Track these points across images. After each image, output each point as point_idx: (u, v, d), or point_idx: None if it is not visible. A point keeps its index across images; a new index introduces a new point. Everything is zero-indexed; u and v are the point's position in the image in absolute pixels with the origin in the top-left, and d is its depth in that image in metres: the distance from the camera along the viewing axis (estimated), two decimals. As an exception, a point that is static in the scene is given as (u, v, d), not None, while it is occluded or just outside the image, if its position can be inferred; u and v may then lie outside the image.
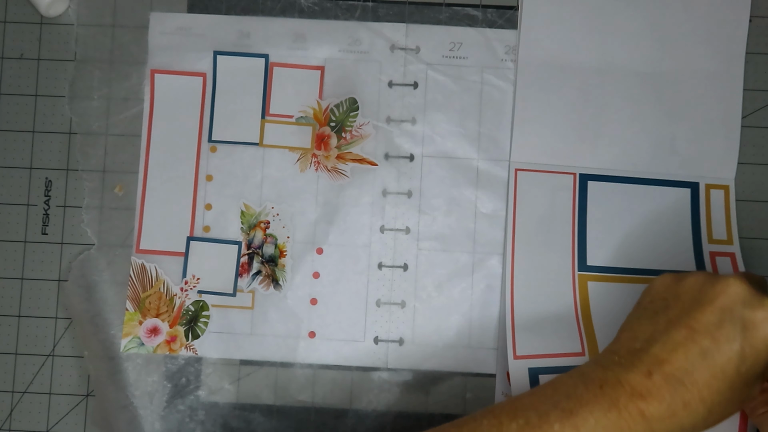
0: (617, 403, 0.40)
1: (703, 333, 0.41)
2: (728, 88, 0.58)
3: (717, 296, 0.42)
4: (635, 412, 0.40)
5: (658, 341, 0.42)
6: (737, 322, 0.41)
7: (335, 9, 0.59)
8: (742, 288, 0.42)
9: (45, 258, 0.58)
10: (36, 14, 0.59)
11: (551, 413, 0.41)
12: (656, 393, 0.40)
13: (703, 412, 0.40)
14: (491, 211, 0.58)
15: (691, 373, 0.40)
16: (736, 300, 0.42)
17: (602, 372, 0.42)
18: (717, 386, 0.40)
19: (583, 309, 0.56)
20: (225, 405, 0.56)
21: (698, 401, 0.40)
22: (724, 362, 0.40)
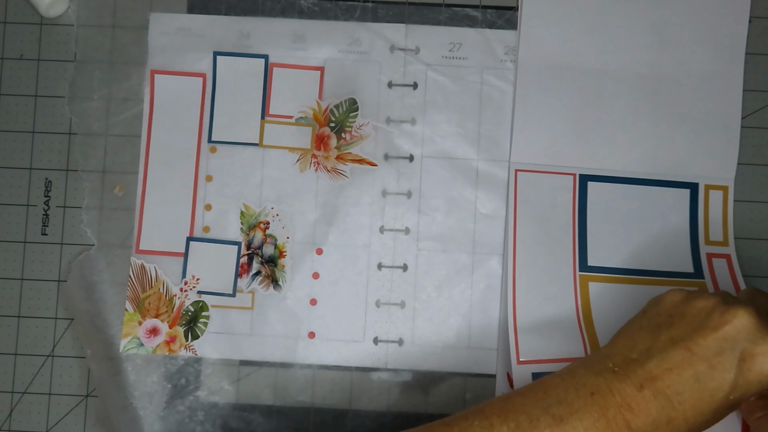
0: (606, 414, 0.41)
1: (701, 358, 0.42)
2: (728, 89, 0.58)
3: (723, 325, 0.43)
4: (622, 422, 0.41)
5: (655, 357, 0.43)
6: (737, 354, 0.42)
7: (335, 9, 0.59)
8: (750, 322, 0.42)
9: (45, 258, 0.58)
10: (36, 15, 0.59)
11: (542, 418, 0.41)
12: (644, 407, 0.41)
13: (684, 428, 0.42)
14: (491, 211, 0.58)
15: (681, 394, 0.41)
16: (741, 332, 0.42)
17: (594, 378, 0.43)
18: (702, 408, 0.42)
19: (585, 310, 0.56)
20: (225, 405, 0.56)
21: (682, 420, 0.41)
22: (714, 389, 0.41)
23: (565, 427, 0.41)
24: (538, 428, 0.41)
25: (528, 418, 0.42)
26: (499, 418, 0.42)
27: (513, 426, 0.41)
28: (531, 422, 0.41)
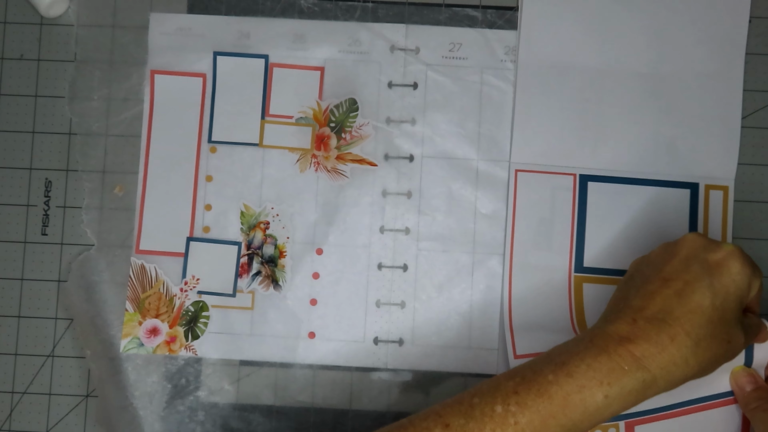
0: (607, 349, 0.43)
1: (674, 279, 0.45)
2: (728, 89, 0.58)
3: (680, 249, 0.47)
4: (625, 353, 0.43)
5: (636, 295, 0.46)
6: (703, 264, 0.45)
7: (335, 10, 0.59)
8: (700, 238, 0.47)
9: (45, 258, 0.58)
10: (36, 15, 0.59)
11: (545, 368, 0.43)
12: (642, 334, 0.43)
13: (690, 344, 0.43)
14: (491, 211, 0.58)
15: (670, 312, 0.44)
16: (697, 248, 0.46)
17: (590, 330, 0.45)
18: (697, 320, 0.44)
19: (578, 311, 0.56)
20: (225, 405, 0.56)
21: (683, 334, 0.43)
22: (698, 298, 0.44)
23: (568, 368, 0.42)
24: (542, 375, 0.43)
25: (532, 370, 0.43)
26: (505, 377, 0.44)
27: (518, 380, 0.43)
28: (534, 372, 0.43)
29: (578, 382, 0.42)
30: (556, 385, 0.42)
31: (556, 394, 0.42)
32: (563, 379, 0.42)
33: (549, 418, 0.42)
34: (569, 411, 0.42)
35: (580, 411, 0.42)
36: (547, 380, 0.42)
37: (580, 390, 0.42)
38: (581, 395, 0.42)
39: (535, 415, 0.42)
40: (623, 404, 0.43)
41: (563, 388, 0.42)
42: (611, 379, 0.42)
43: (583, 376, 0.42)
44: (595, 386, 0.42)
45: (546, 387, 0.42)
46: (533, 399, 0.42)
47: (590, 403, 0.42)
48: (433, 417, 0.43)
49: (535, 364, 0.44)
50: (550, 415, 0.42)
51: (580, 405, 0.42)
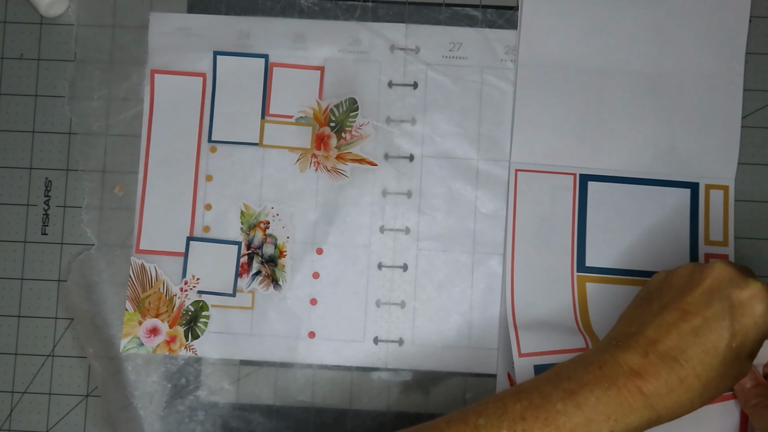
0: (616, 382, 0.42)
1: (693, 313, 0.43)
2: (728, 89, 0.58)
3: (705, 279, 0.44)
4: (634, 389, 0.42)
5: (652, 324, 0.44)
6: (725, 301, 0.43)
7: (335, 9, 0.59)
8: (728, 270, 0.44)
9: (45, 258, 0.58)
10: (36, 14, 0.59)
11: (554, 394, 0.42)
12: (653, 371, 0.42)
13: (699, 387, 0.42)
14: (491, 211, 0.58)
15: (684, 351, 0.42)
16: (723, 281, 0.44)
17: (601, 355, 0.44)
18: (710, 362, 0.42)
19: (582, 311, 0.56)
20: (225, 405, 0.56)
21: (693, 377, 0.42)
22: (715, 339, 0.43)
23: (577, 399, 0.42)
24: (550, 402, 0.42)
25: (540, 395, 0.43)
26: (512, 399, 0.43)
27: (526, 404, 0.42)
28: (543, 398, 0.42)
29: (586, 416, 0.41)
30: (564, 416, 0.42)
31: (563, 425, 0.41)
32: (572, 410, 0.42)
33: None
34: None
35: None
36: (556, 409, 0.42)
37: (587, 423, 0.41)
38: (588, 428, 0.41)
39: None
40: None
41: (571, 420, 0.41)
42: (618, 415, 0.42)
43: (593, 410, 0.42)
44: (602, 421, 0.41)
45: (554, 416, 0.42)
46: (540, 428, 0.41)
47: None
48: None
49: (542, 385, 0.43)
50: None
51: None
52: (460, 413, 0.44)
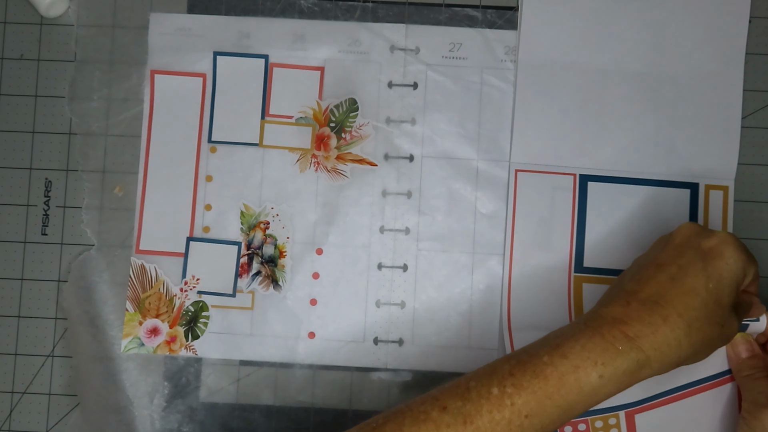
0: (600, 330, 0.44)
1: (668, 263, 0.46)
2: (728, 89, 0.58)
3: (675, 237, 0.48)
4: (619, 334, 0.43)
5: (630, 279, 0.47)
6: (696, 249, 0.46)
7: (335, 10, 0.59)
8: (694, 225, 0.48)
9: (45, 258, 0.58)
10: (36, 15, 0.59)
11: (540, 350, 0.44)
12: (635, 316, 0.44)
13: (683, 325, 0.44)
14: (491, 211, 0.58)
15: (663, 295, 0.45)
16: (690, 235, 0.48)
17: (585, 314, 0.46)
18: (690, 302, 0.44)
19: (577, 312, 0.56)
20: (224, 405, 0.56)
21: (676, 315, 0.44)
22: (691, 281, 0.45)
23: (563, 350, 0.43)
24: (537, 356, 0.43)
25: (527, 354, 0.44)
26: (501, 361, 0.44)
27: (514, 362, 0.43)
28: (530, 355, 0.44)
29: (573, 363, 0.42)
30: (551, 366, 0.43)
31: (551, 374, 0.42)
32: (558, 360, 0.43)
33: (545, 399, 0.42)
34: (565, 391, 0.42)
35: (575, 391, 0.42)
36: (543, 361, 0.43)
37: (574, 370, 0.42)
38: (576, 375, 0.42)
39: (531, 396, 0.42)
40: (618, 385, 0.43)
41: (558, 369, 0.42)
42: (605, 359, 0.42)
43: (578, 356, 0.43)
44: (590, 366, 0.42)
45: (541, 368, 0.43)
46: (529, 380, 0.42)
47: (585, 383, 0.42)
48: (430, 401, 0.43)
49: (530, 347, 0.45)
50: (546, 395, 0.42)
51: (575, 385, 0.42)
52: (453, 381, 0.44)
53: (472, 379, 0.44)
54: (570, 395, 0.42)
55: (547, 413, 0.42)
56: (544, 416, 0.42)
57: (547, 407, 0.42)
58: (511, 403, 0.42)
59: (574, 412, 0.43)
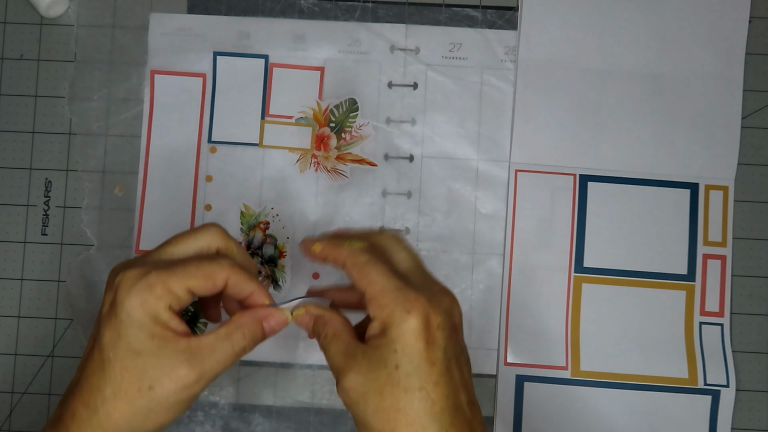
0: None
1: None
2: (728, 89, 0.58)
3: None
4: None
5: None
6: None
7: (335, 10, 0.59)
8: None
9: (45, 258, 0.58)
10: (36, 15, 0.59)
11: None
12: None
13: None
14: (491, 211, 0.58)
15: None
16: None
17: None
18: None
19: (574, 313, 0.56)
20: (224, 405, 0.56)
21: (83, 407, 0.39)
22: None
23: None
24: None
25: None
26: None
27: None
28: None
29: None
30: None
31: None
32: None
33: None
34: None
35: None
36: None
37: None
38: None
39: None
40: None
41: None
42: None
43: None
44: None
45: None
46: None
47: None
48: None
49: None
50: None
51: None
52: None
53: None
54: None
55: None
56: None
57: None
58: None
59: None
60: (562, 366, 0.56)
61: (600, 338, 0.56)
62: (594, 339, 0.56)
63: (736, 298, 0.57)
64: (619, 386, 0.56)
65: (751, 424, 0.56)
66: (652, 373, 0.56)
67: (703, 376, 0.56)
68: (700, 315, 0.57)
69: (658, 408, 0.56)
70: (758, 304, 0.57)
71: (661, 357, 0.56)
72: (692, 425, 0.55)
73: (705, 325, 0.57)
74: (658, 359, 0.56)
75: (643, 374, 0.56)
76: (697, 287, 0.57)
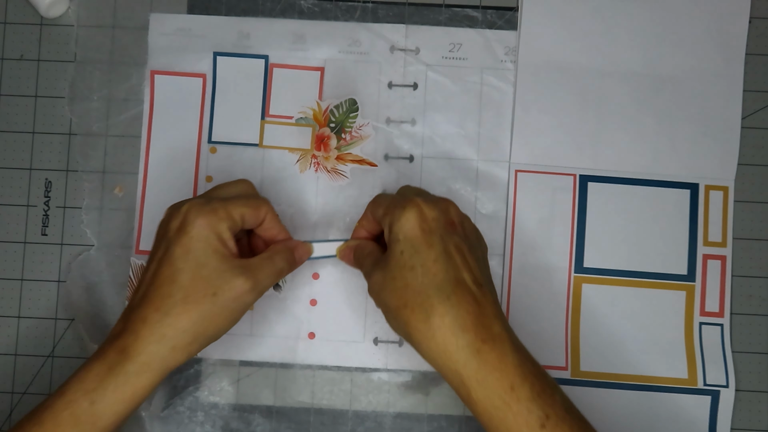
0: (101, 354, 0.44)
1: (154, 259, 0.47)
2: (728, 89, 0.58)
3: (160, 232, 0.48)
4: (112, 352, 0.44)
5: (133, 298, 0.47)
6: (165, 238, 0.46)
7: (335, 10, 0.59)
8: (168, 209, 0.48)
9: (45, 259, 0.58)
10: (36, 15, 0.59)
11: (47, 400, 0.44)
12: (129, 327, 0.44)
13: (161, 317, 0.44)
14: (491, 212, 0.58)
15: (145, 296, 0.45)
16: (162, 225, 0.48)
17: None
18: (168, 291, 0.44)
19: (574, 313, 0.56)
20: (224, 406, 0.56)
21: (153, 311, 0.44)
22: (165, 270, 0.45)
23: (63, 388, 0.44)
24: (41, 404, 0.44)
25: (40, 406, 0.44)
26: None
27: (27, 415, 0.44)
28: (37, 406, 0.45)
29: (67, 399, 0.43)
30: (48, 410, 0.43)
31: (47, 418, 0.43)
32: (55, 400, 0.43)
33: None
34: (62, 429, 0.42)
35: (71, 423, 0.43)
36: (44, 407, 0.43)
37: (68, 405, 0.43)
38: (70, 410, 0.43)
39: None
40: (118, 403, 0.43)
41: (54, 410, 0.43)
42: (96, 383, 0.43)
43: (72, 390, 0.43)
44: (81, 396, 0.43)
45: (40, 414, 0.43)
46: (29, 429, 0.43)
47: (80, 413, 0.43)
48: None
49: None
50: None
51: (70, 419, 0.43)
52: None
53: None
54: (68, 429, 0.43)
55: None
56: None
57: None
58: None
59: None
60: (562, 366, 0.56)
61: (600, 338, 0.56)
62: (594, 339, 0.56)
63: (736, 298, 0.57)
64: (619, 386, 0.56)
65: (751, 424, 0.56)
66: (652, 373, 0.56)
67: (702, 376, 0.56)
68: (700, 315, 0.57)
69: (658, 408, 0.56)
70: (758, 304, 0.57)
71: (660, 357, 0.56)
72: (692, 425, 0.55)
73: (705, 325, 0.57)
74: (658, 359, 0.56)
75: (643, 374, 0.56)
76: (697, 287, 0.57)
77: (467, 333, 0.42)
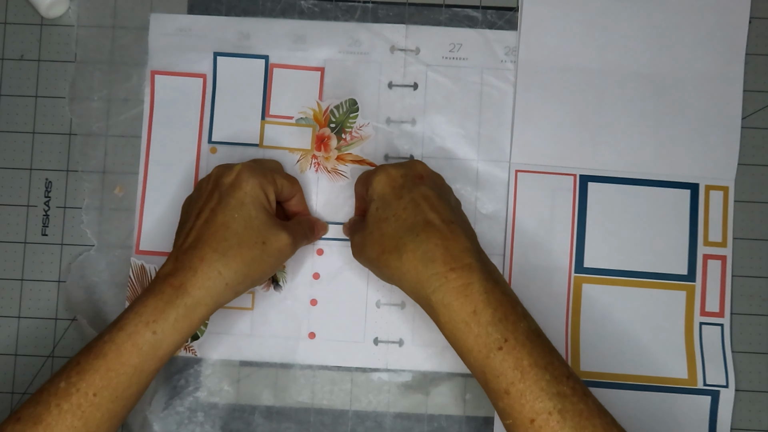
0: (153, 290, 0.47)
1: (202, 210, 0.50)
2: (728, 90, 0.58)
3: (204, 185, 0.52)
4: (167, 287, 0.47)
5: (179, 237, 0.51)
6: (219, 189, 0.50)
7: (335, 10, 0.59)
8: (219, 168, 0.52)
9: (45, 259, 0.58)
10: (36, 15, 0.59)
11: (105, 331, 0.47)
12: (181, 265, 0.48)
13: (218, 257, 0.48)
14: (491, 212, 0.58)
15: (200, 238, 0.49)
16: (214, 177, 0.52)
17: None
18: (221, 235, 0.49)
19: (574, 313, 0.56)
20: (224, 406, 0.56)
21: (211, 251, 0.48)
22: (220, 218, 0.49)
23: (121, 323, 0.46)
24: (100, 338, 0.46)
25: (96, 339, 0.47)
26: (76, 355, 0.47)
27: (84, 352, 0.46)
28: (96, 339, 0.47)
29: (128, 331, 0.46)
30: (110, 343, 0.45)
31: (110, 350, 0.45)
32: (116, 334, 0.46)
33: (108, 372, 0.45)
34: (125, 359, 0.45)
35: (135, 354, 0.45)
36: (103, 341, 0.46)
37: (130, 337, 0.45)
38: (132, 341, 0.45)
39: (94, 375, 0.45)
40: (178, 332, 0.47)
41: (116, 342, 0.45)
42: (156, 315, 0.46)
43: (132, 323, 0.46)
44: (143, 328, 0.46)
45: (101, 347, 0.45)
46: (91, 362, 0.45)
47: (142, 343, 0.46)
48: (9, 416, 0.45)
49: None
50: (108, 369, 0.45)
51: (133, 350, 0.45)
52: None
53: (45, 383, 0.46)
54: (131, 360, 0.45)
55: (115, 384, 0.45)
56: (113, 387, 0.45)
57: (112, 379, 0.45)
58: (76, 390, 0.44)
59: (146, 370, 0.46)
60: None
61: (600, 338, 0.56)
62: (594, 339, 0.56)
63: (736, 299, 0.57)
64: (619, 386, 0.56)
65: (751, 424, 0.56)
66: (652, 373, 0.56)
67: (702, 376, 0.56)
68: (700, 315, 0.57)
69: (658, 408, 0.56)
70: (758, 304, 0.57)
71: (660, 357, 0.56)
72: (692, 425, 0.55)
73: (705, 325, 0.57)
74: (658, 359, 0.56)
75: (643, 374, 0.56)
76: (697, 287, 0.57)
77: (435, 263, 0.46)
